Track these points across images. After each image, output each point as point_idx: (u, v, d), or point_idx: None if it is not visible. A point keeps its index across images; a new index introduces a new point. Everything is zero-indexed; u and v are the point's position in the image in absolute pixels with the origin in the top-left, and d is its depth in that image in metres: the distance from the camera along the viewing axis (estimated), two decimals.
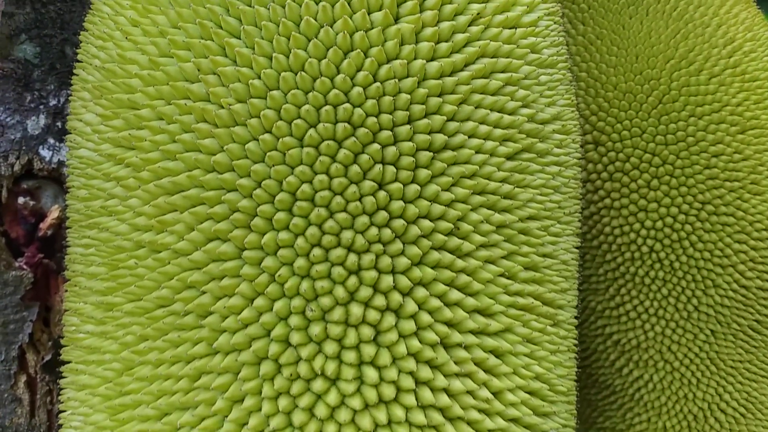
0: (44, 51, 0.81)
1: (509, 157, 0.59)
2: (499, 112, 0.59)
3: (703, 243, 0.82)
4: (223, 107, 0.53)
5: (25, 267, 0.80)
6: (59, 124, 0.82)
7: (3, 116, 0.79)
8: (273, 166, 0.53)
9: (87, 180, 0.61)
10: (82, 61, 0.64)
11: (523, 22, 0.62)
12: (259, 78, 0.53)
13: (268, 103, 0.53)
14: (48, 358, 0.82)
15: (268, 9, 0.54)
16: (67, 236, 0.66)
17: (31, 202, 0.81)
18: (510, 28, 0.60)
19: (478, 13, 0.58)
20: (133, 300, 0.57)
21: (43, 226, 0.79)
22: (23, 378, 0.80)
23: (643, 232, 0.83)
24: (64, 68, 0.82)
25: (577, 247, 0.71)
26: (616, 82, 0.84)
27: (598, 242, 0.87)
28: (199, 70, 0.54)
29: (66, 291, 0.66)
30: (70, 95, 0.65)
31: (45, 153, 0.81)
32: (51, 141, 0.81)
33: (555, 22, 0.68)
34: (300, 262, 0.52)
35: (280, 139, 0.53)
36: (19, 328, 0.81)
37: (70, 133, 0.65)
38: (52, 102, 0.82)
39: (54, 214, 0.78)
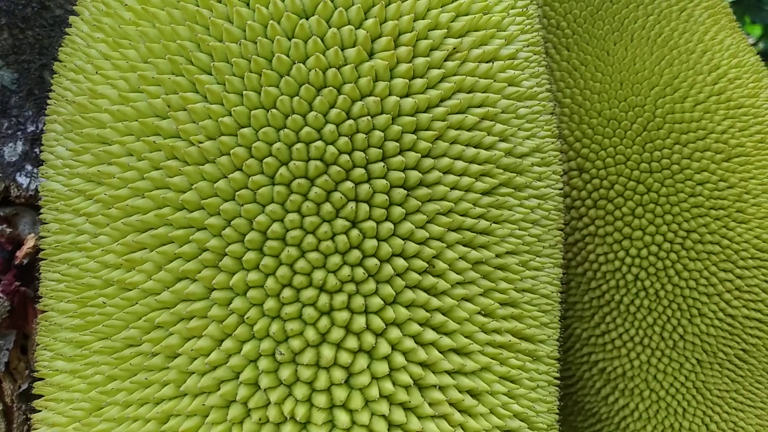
0: (22, 77, 0.80)
1: (486, 193, 0.58)
2: (475, 147, 0.58)
3: (688, 271, 0.81)
4: (193, 144, 0.53)
5: (1, 295, 0.79)
6: (37, 150, 0.81)
7: None
8: (243, 204, 0.52)
9: (58, 214, 0.60)
10: (55, 92, 0.63)
11: (502, 55, 0.61)
12: (230, 115, 0.52)
13: (239, 140, 0.52)
14: (25, 387, 0.81)
15: (240, 45, 0.53)
16: (40, 268, 0.65)
17: (8, 230, 0.80)
18: (487, 62, 0.59)
19: (454, 48, 0.57)
20: (102, 338, 0.56)
21: (19, 254, 0.78)
22: None
23: (628, 260, 0.82)
24: (42, 94, 0.81)
25: (559, 278, 0.70)
26: (600, 109, 0.83)
27: (582, 269, 0.86)
28: (169, 107, 0.53)
29: (38, 324, 0.65)
30: None
31: (22, 180, 0.80)
32: (28, 168, 0.80)
33: (535, 53, 0.68)
34: (270, 303, 0.51)
35: (251, 178, 0.52)
36: None
37: (44, 164, 0.64)
38: (30, 128, 0.81)
39: (30, 243, 0.77)
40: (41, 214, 0.64)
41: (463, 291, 0.56)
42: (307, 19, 0.54)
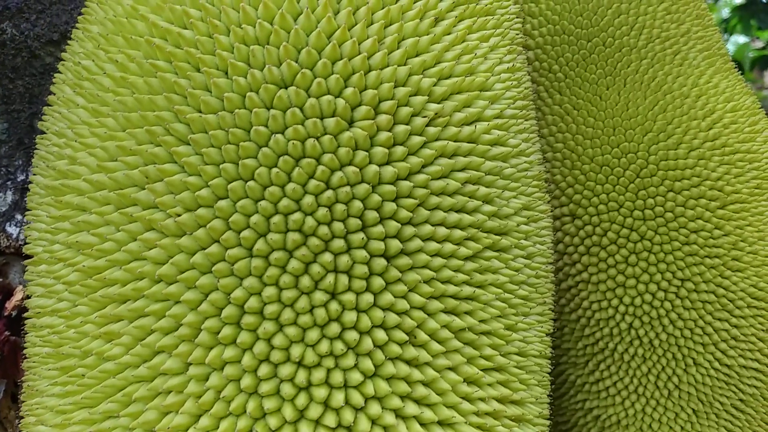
0: (12, 126, 0.80)
1: (470, 258, 0.58)
2: (458, 212, 0.57)
3: (683, 321, 0.79)
4: (170, 216, 0.52)
5: None
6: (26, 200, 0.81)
7: None
8: (220, 278, 0.51)
9: (40, 278, 0.60)
10: (38, 154, 0.63)
11: (486, 116, 0.60)
12: (207, 187, 0.52)
13: (216, 213, 0.52)
14: None
15: (217, 117, 0.52)
16: (26, 326, 0.65)
17: None
18: (470, 125, 0.59)
19: (436, 113, 0.56)
20: (82, 408, 0.55)
21: (8, 306, 0.78)
22: None
23: (621, 308, 0.81)
24: (32, 143, 0.81)
25: (550, 332, 0.68)
26: (592, 155, 0.82)
27: (576, 316, 0.84)
28: (147, 178, 0.53)
29: (23, 384, 0.65)
30: None
31: (12, 230, 0.80)
32: (18, 217, 0.80)
33: (523, 108, 0.67)
34: (247, 380, 0.50)
35: (228, 251, 0.51)
36: None
37: (29, 224, 0.64)
38: (20, 177, 0.81)
39: (18, 295, 0.77)
40: (26, 273, 0.64)
41: (446, 362, 0.55)
42: (285, 88, 0.53)
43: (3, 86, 0.80)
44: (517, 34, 0.71)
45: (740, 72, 0.91)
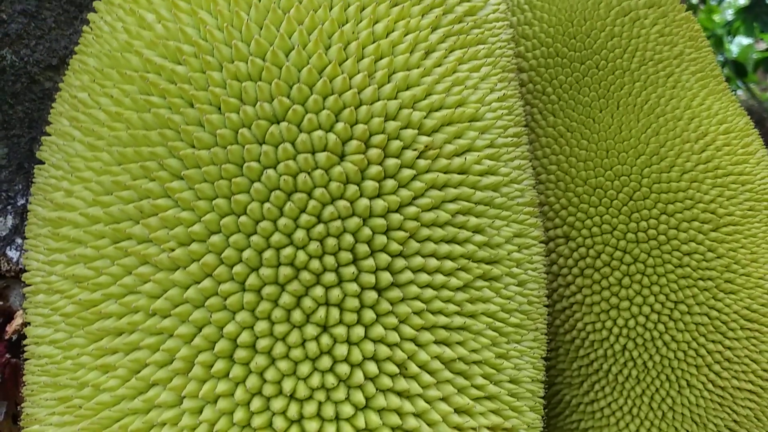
0: (12, 151, 0.81)
1: (461, 289, 0.58)
2: (449, 243, 0.58)
3: (676, 342, 0.80)
4: (164, 251, 0.53)
5: None
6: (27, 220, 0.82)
7: None
8: (213, 313, 0.52)
9: (38, 308, 0.61)
10: (36, 185, 0.64)
11: (477, 146, 0.61)
12: (200, 222, 0.53)
13: (209, 248, 0.53)
14: None
15: (210, 152, 0.53)
16: (25, 352, 0.66)
17: (0, 302, 0.81)
18: (461, 156, 0.59)
19: (426, 146, 0.57)
20: None
21: (8, 329, 0.79)
22: None
23: (615, 330, 0.81)
24: (31, 167, 0.82)
25: (543, 356, 0.69)
26: (586, 177, 0.83)
27: (570, 337, 0.85)
28: (141, 212, 0.54)
29: (22, 411, 0.66)
30: None
31: (12, 254, 0.81)
32: (18, 241, 0.81)
33: (516, 135, 0.68)
34: (239, 414, 0.51)
35: (220, 285, 0.52)
36: None
37: (28, 251, 0.65)
38: (21, 202, 0.82)
39: (18, 320, 0.77)
40: (24, 303, 0.65)
41: (437, 393, 0.55)
42: (278, 123, 0.54)
43: (3, 112, 0.81)
44: (510, 61, 0.71)
45: (744, 74, 0.91)
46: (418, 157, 0.57)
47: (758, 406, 0.81)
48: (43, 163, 0.64)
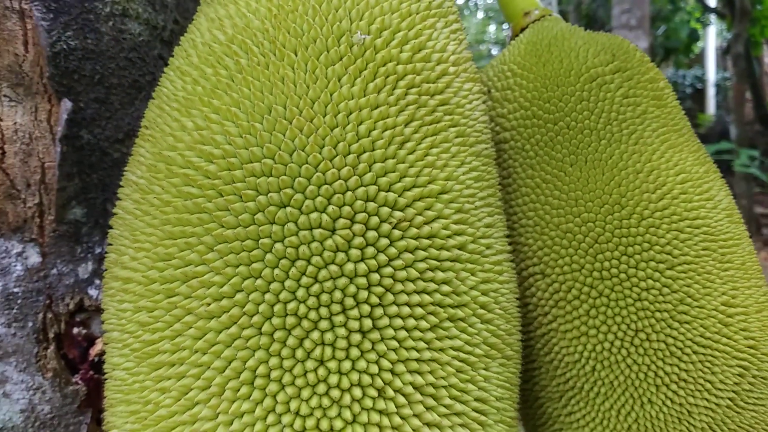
0: (90, 211, 1.02)
1: (430, 329, 0.74)
2: (420, 294, 0.73)
3: (637, 365, 0.93)
4: (202, 305, 0.71)
5: (80, 382, 1.01)
6: (103, 267, 1.03)
7: (60, 267, 1.00)
8: (238, 351, 0.70)
9: (111, 343, 0.80)
10: (108, 258, 0.83)
11: (444, 214, 0.76)
12: (229, 284, 0.71)
13: (234, 303, 0.70)
14: None
15: (234, 232, 0.71)
16: (105, 373, 0.86)
17: (84, 331, 1.02)
18: (429, 224, 0.75)
19: (399, 220, 0.73)
20: None
21: (92, 352, 1.00)
22: None
23: (585, 353, 0.95)
24: (105, 222, 1.03)
25: (515, 379, 0.84)
26: (558, 223, 0.96)
27: (549, 358, 0.99)
28: (185, 276, 0.72)
29: (104, 418, 0.86)
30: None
31: (93, 292, 1.02)
32: (97, 282, 1.02)
33: (486, 197, 0.83)
34: (258, 426, 0.68)
35: (243, 331, 0.70)
36: (77, 429, 1.02)
37: (104, 298, 0.85)
38: (98, 250, 1.03)
39: (99, 345, 0.98)
40: (103, 336, 0.85)
41: (410, 411, 0.71)
42: (284, 208, 0.71)
43: (82, 180, 1.02)
44: (482, 132, 0.86)
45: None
46: (393, 228, 0.73)
47: (713, 420, 0.93)
48: (113, 229, 0.84)
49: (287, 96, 0.73)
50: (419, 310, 0.73)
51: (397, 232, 0.73)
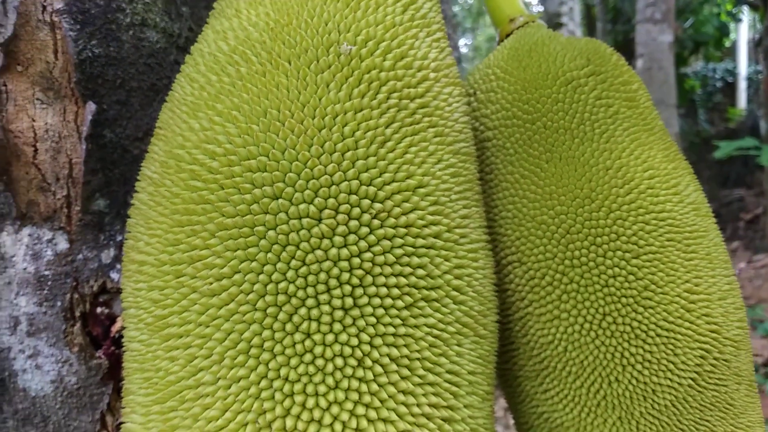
0: (112, 202, 1.14)
1: (406, 308, 0.83)
2: (396, 276, 0.82)
3: (605, 347, 1.01)
4: (205, 284, 0.82)
5: (102, 357, 1.13)
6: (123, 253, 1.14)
7: (85, 252, 1.12)
8: (236, 324, 0.80)
9: (129, 318, 0.91)
10: (128, 234, 0.95)
11: (421, 206, 0.85)
12: (228, 266, 0.81)
13: (233, 283, 0.81)
14: (121, 420, 1.14)
15: (233, 220, 0.81)
16: (123, 347, 0.97)
17: (106, 310, 1.14)
18: (406, 215, 0.84)
19: (378, 211, 0.82)
20: (156, 404, 0.86)
21: (113, 329, 1.12)
22: None
23: (558, 335, 1.03)
24: (126, 213, 1.14)
25: (488, 358, 0.93)
26: (533, 215, 1.05)
27: (526, 340, 1.08)
28: (191, 259, 0.83)
29: (122, 386, 0.97)
30: None
31: (114, 275, 1.14)
32: (118, 266, 1.14)
33: (462, 191, 0.91)
34: (252, 390, 0.79)
35: (240, 307, 0.80)
36: (100, 399, 1.14)
37: (123, 279, 0.96)
38: (119, 238, 1.14)
39: (119, 324, 1.10)
40: (122, 314, 0.96)
41: (386, 379, 0.80)
42: (276, 200, 0.81)
43: (105, 175, 1.13)
44: (460, 134, 0.95)
45: None
46: (373, 218, 0.83)
47: (676, 398, 1.01)
48: (131, 218, 0.95)
49: (281, 100, 0.83)
50: (396, 291, 0.82)
51: (376, 222, 0.82)
